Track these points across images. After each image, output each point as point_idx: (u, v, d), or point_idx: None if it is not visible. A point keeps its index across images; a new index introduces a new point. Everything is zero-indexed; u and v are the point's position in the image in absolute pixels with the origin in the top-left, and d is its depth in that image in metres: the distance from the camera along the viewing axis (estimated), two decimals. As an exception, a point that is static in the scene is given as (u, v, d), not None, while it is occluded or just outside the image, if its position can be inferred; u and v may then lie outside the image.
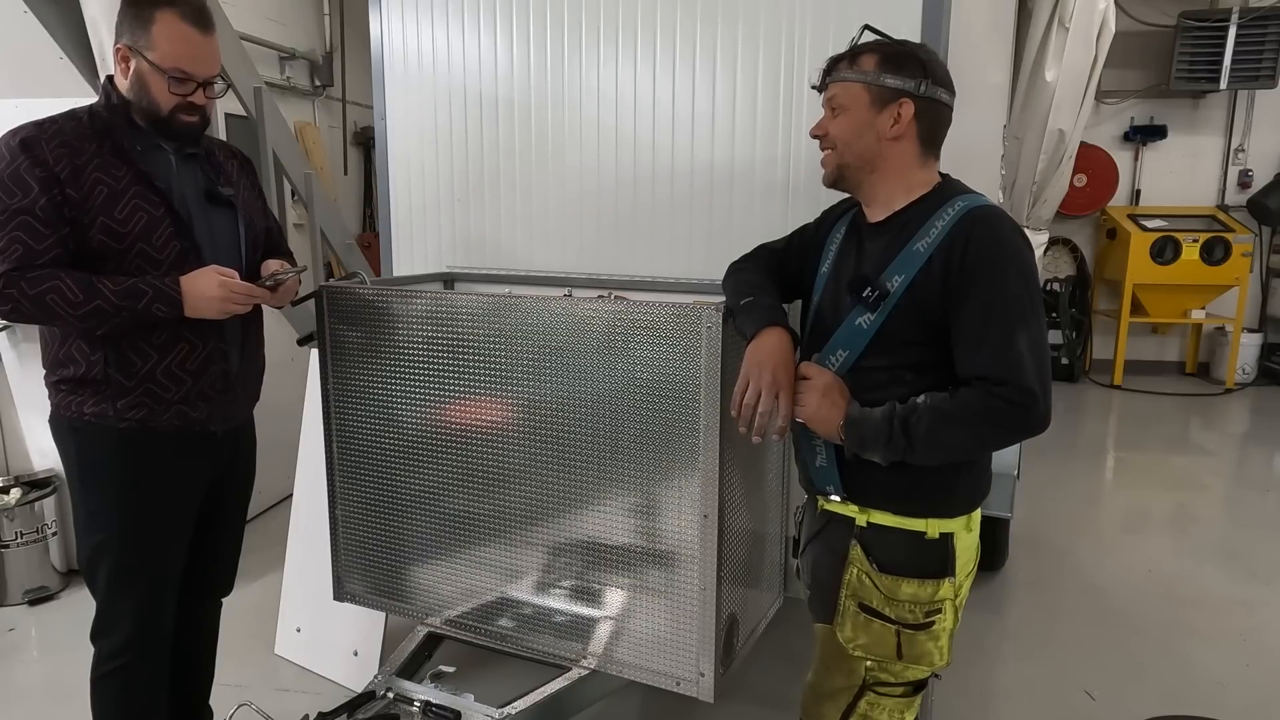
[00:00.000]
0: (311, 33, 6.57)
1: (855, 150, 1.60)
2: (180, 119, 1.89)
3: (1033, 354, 1.44)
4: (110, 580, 1.97)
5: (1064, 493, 4.79)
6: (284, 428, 3.00)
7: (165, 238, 1.87)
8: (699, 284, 2.50)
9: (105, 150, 1.83)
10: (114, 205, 1.81)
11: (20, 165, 1.75)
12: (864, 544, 1.62)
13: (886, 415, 1.51)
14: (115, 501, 1.94)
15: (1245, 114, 7.29)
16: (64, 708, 2.76)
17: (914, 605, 1.59)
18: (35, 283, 1.74)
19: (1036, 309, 1.48)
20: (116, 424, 1.89)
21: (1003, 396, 1.44)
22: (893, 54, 1.58)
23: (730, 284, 1.79)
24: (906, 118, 1.56)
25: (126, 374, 1.87)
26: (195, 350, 1.93)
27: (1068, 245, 7.60)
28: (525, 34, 2.69)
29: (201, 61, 1.87)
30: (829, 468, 1.64)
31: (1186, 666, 3.03)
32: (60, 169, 1.77)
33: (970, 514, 1.64)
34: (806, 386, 1.58)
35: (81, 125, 1.84)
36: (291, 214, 4.95)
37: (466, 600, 2.21)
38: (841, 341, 1.59)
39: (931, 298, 1.51)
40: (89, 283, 1.77)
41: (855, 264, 1.64)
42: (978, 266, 1.48)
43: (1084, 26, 5.18)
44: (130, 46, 1.84)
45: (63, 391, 1.92)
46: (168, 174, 1.92)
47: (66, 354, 1.89)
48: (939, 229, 1.52)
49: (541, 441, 2.00)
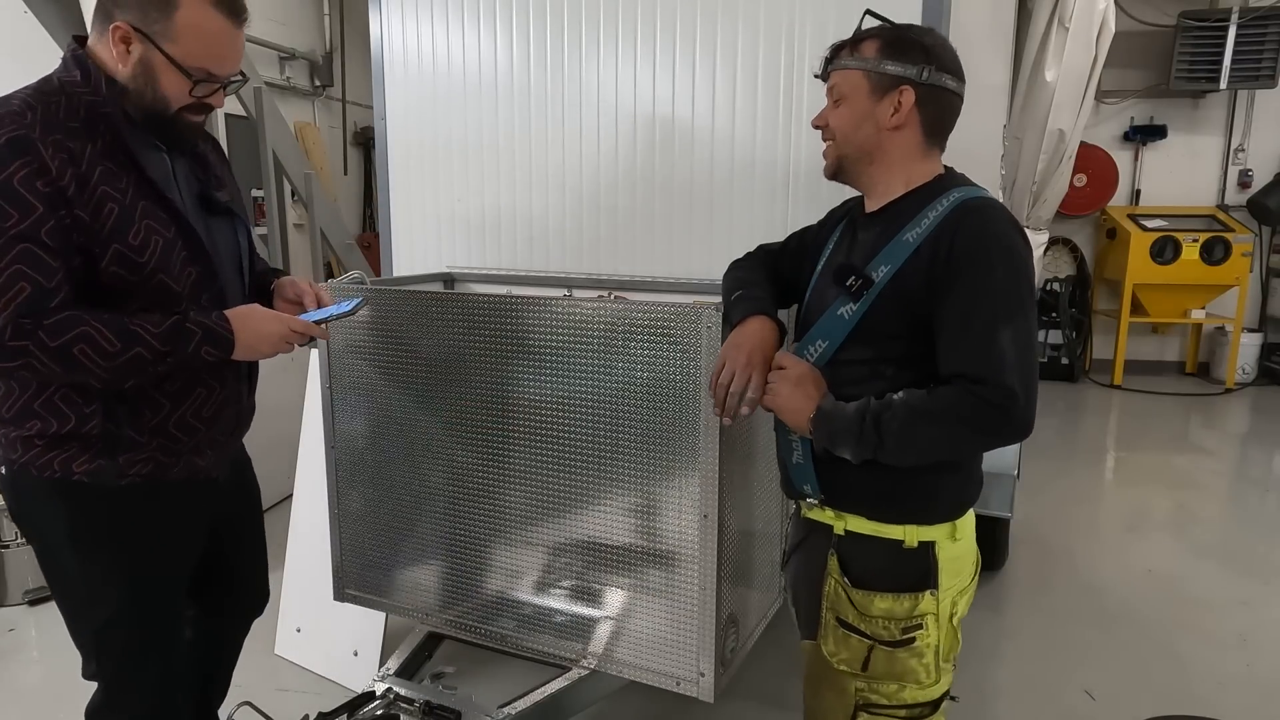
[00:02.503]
0: (311, 33, 6.57)
1: (854, 141, 1.53)
2: (186, 118, 1.57)
3: (1016, 352, 1.36)
4: (125, 658, 1.71)
5: (1064, 493, 4.79)
6: (284, 428, 3.00)
7: (181, 262, 1.55)
8: (699, 284, 2.51)
9: (100, 151, 1.45)
10: (127, 228, 1.46)
11: (15, 174, 1.36)
12: (841, 555, 1.55)
13: (859, 410, 1.43)
14: (124, 569, 1.65)
15: (1245, 114, 7.29)
16: (64, 708, 2.76)
17: (889, 621, 1.51)
18: (57, 331, 1.37)
19: (1025, 305, 1.40)
20: (117, 482, 1.59)
21: (981, 396, 1.35)
22: (895, 39, 1.50)
23: (725, 283, 1.78)
24: (907, 105, 1.48)
25: (136, 427, 1.58)
26: (213, 394, 1.67)
27: (1068, 245, 7.60)
28: (525, 34, 2.69)
29: (231, 60, 1.55)
30: (805, 464, 1.58)
31: (1186, 666, 3.03)
32: (67, 182, 1.39)
33: (955, 521, 1.53)
34: (779, 376, 1.53)
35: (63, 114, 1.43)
36: (291, 214, 4.95)
37: (466, 600, 2.21)
38: (821, 331, 1.53)
39: (916, 289, 1.44)
40: (123, 326, 1.42)
41: (846, 254, 1.58)
42: (964, 258, 1.40)
43: (1084, 26, 5.18)
44: (139, 29, 1.46)
45: (36, 448, 1.55)
46: (168, 181, 1.58)
47: (46, 404, 1.52)
48: (930, 219, 1.45)
49: (541, 441, 2.00)
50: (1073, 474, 5.16)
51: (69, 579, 1.69)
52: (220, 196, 1.71)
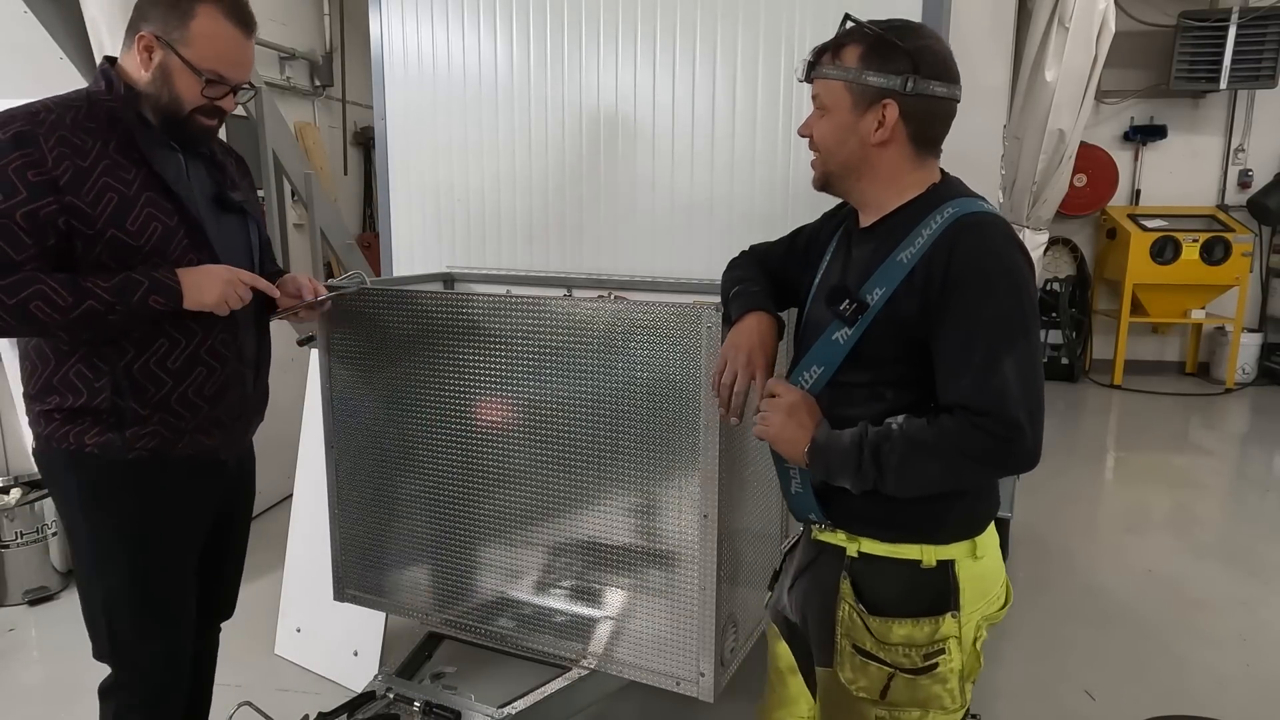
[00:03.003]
0: (311, 33, 6.57)
1: (839, 157, 1.46)
2: (198, 120, 1.74)
3: (1020, 382, 1.28)
4: (132, 629, 1.80)
5: (1064, 493, 4.79)
6: (284, 428, 3.00)
7: (181, 250, 1.70)
8: (699, 284, 2.51)
9: (112, 148, 1.64)
10: (125, 215, 1.63)
11: (10, 164, 1.55)
12: (854, 578, 1.47)
13: (856, 441, 1.37)
14: (131, 539, 1.77)
15: (1245, 114, 7.29)
16: (64, 708, 2.76)
17: (909, 649, 1.43)
18: (14, 290, 1.54)
19: (1028, 329, 1.32)
20: (125, 455, 1.72)
21: (985, 429, 1.28)
22: (876, 45, 1.39)
23: (724, 281, 1.76)
24: (891, 120, 1.39)
25: (140, 401, 1.71)
26: (214, 374, 1.79)
27: (1068, 245, 7.60)
28: (525, 34, 2.69)
29: (241, 65, 1.74)
30: (805, 494, 1.51)
31: (1186, 666, 3.03)
32: (61, 172, 1.57)
33: (975, 539, 1.46)
34: (771, 405, 1.47)
35: (81, 116, 1.64)
36: (291, 214, 4.95)
37: (466, 600, 2.21)
38: (816, 357, 1.47)
39: (911, 314, 1.36)
40: (75, 283, 1.58)
41: (841, 272, 1.52)
42: (960, 281, 1.32)
43: (1084, 26, 5.18)
44: (160, 37, 1.66)
45: (56, 421, 1.72)
46: (179, 177, 1.75)
47: (63, 380, 1.69)
48: (925, 238, 1.37)
49: (541, 441, 2.00)
50: (1072, 474, 5.16)
51: (81, 548, 1.81)
52: (234, 196, 1.87)
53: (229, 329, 1.80)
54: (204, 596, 2.03)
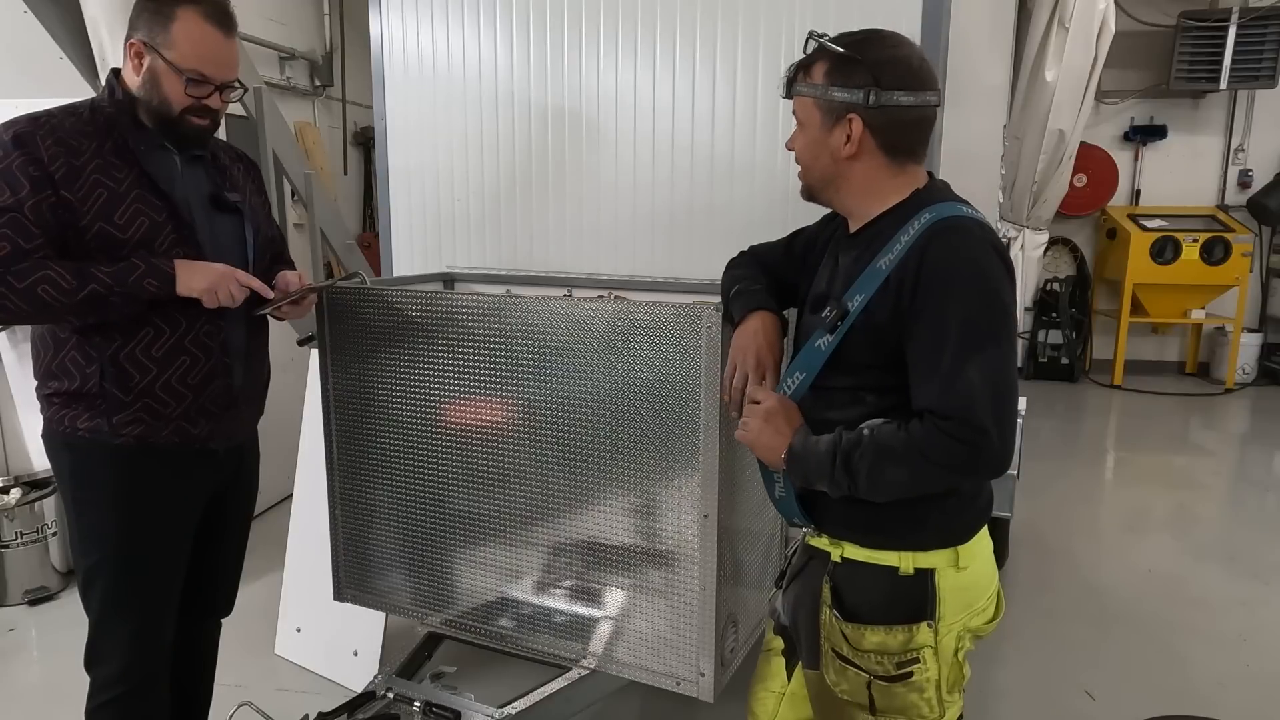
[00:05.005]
0: (311, 33, 6.57)
1: (815, 172, 1.50)
2: (190, 121, 1.81)
3: (987, 385, 1.28)
4: (105, 604, 1.88)
5: (1064, 493, 4.79)
6: (284, 428, 3.00)
7: (168, 244, 1.78)
8: (699, 284, 2.51)
9: (106, 149, 1.75)
10: (113, 209, 1.73)
11: (13, 162, 1.67)
12: (835, 583, 1.49)
13: (829, 449, 1.39)
14: (111, 521, 1.85)
15: (1245, 114, 7.29)
16: (64, 708, 2.75)
17: (881, 656, 1.44)
18: (23, 275, 1.64)
19: (997, 332, 1.32)
20: (112, 440, 1.80)
21: (951, 434, 1.29)
22: (839, 61, 1.42)
23: (724, 281, 1.77)
24: (857, 134, 1.41)
25: (124, 388, 1.78)
26: (197, 364, 1.85)
27: (1068, 245, 7.60)
28: (525, 34, 2.69)
29: (221, 64, 1.80)
30: (788, 498, 1.53)
31: (1186, 666, 3.03)
32: (56, 168, 1.68)
33: (957, 548, 1.45)
34: (750, 410, 1.50)
35: (81, 121, 1.76)
36: (291, 214, 4.95)
37: (466, 600, 2.21)
38: (799, 364, 1.49)
39: (886, 319, 1.38)
40: (79, 268, 1.68)
41: (829, 278, 1.53)
42: (931, 286, 1.33)
43: (1084, 26, 5.19)
44: (146, 42, 1.76)
45: (55, 405, 1.82)
46: (172, 176, 1.83)
47: (60, 365, 1.80)
48: (903, 244, 1.38)
49: (541, 441, 2.00)
50: (1073, 474, 5.16)
51: (71, 524, 1.90)
52: (231, 197, 1.94)
53: (213, 320, 1.86)
54: (198, 587, 2.06)
